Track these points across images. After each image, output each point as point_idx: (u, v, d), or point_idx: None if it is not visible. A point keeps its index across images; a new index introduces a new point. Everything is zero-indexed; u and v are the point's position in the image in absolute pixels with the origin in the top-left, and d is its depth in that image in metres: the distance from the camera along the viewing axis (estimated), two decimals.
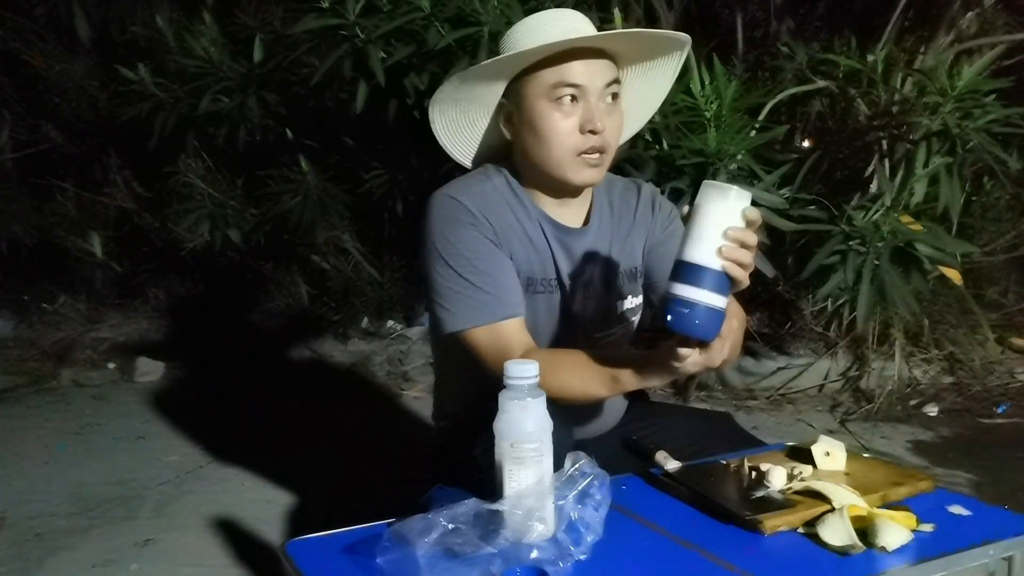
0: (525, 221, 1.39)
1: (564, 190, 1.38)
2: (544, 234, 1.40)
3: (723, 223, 1.05)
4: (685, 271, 1.07)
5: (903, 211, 2.37)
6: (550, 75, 1.30)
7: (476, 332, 1.31)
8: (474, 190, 1.37)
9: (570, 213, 1.42)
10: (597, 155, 1.32)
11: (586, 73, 1.30)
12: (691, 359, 1.12)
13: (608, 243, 1.45)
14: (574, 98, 1.30)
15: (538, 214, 1.40)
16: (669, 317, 1.07)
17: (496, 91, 1.37)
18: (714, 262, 1.05)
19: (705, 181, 1.09)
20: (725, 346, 1.11)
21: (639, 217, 1.48)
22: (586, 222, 1.44)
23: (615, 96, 1.33)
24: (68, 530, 2.11)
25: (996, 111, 2.31)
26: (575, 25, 1.33)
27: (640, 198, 1.50)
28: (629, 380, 1.22)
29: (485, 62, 1.33)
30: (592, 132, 1.30)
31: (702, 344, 1.10)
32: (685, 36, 1.39)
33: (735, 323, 1.13)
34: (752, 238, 1.07)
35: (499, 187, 1.40)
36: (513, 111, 1.36)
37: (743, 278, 1.07)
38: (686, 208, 1.09)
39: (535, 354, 1.25)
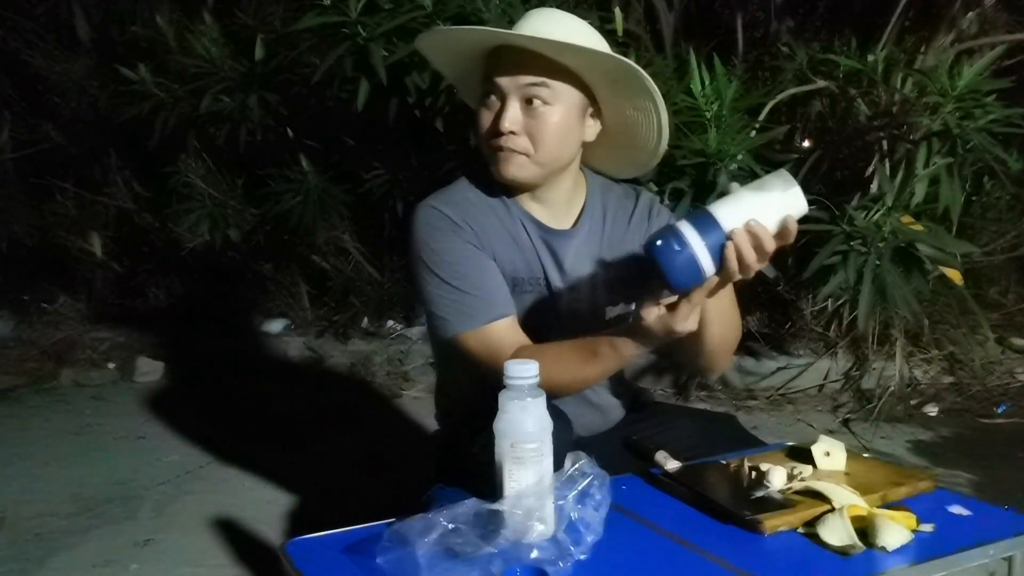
0: (508, 222, 1.40)
1: (514, 186, 1.40)
2: (528, 234, 1.40)
3: (761, 210, 1.04)
4: (701, 217, 1.06)
5: (904, 211, 2.37)
6: (483, 70, 1.35)
7: (467, 336, 1.32)
8: (454, 198, 1.39)
9: (558, 215, 1.43)
10: (514, 153, 1.33)
11: (505, 71, 1.31)
12: (653, 313, 1.12)
13: (598, 247, 1.45)
14: (494, 94, 1.33)
15: (521, 214, 1.41)
16: (658, 242, 1.05)
17: (475, 79, 1.41)
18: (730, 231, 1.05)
19: (782, 169, 1.08)
20: (692, 314, 1.10)
21: (634, 224, 1.48)
22: (576, 225, 1.44)
23: (540, 99, 1.31)
24: (68, 530, 2.10)
25: (996, 111, 2.30)
26: (546, 28, 1.31)
27: (637, 205, 1.49)
28: (608, 352, 1.23)
29: (419, 38, 1.42)
30: (497, 132, 1.32)
31: (670, 288, 1.09)
32: (624, 62, 1.31)
33: (706, 296, 1.10)
34: (769, 244, 1.05)
35: (480, 193, 1.41)
36: None
37: (733, 270, 1.06)
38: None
39: (524, 351, 1.26)
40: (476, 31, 1.36)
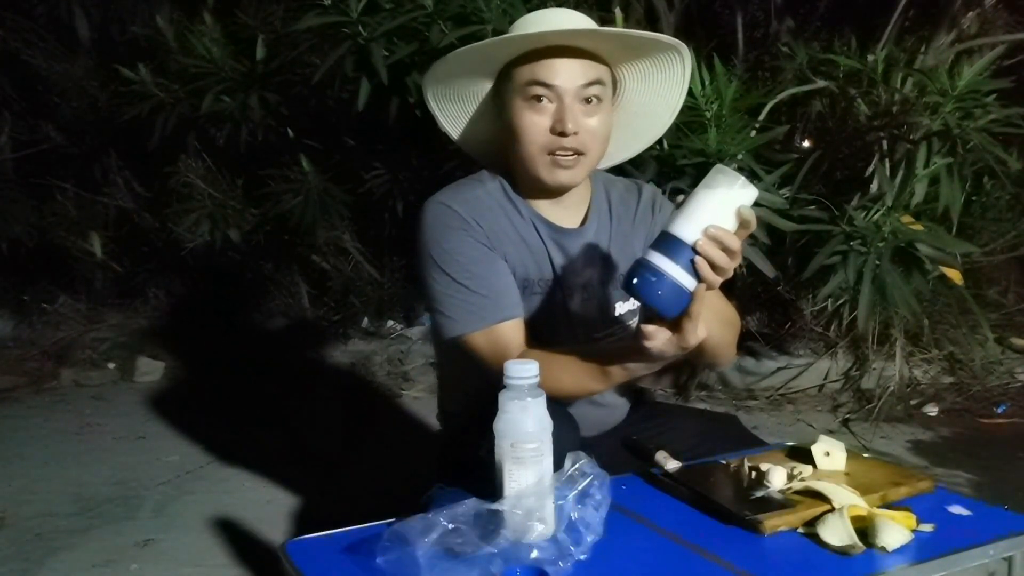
0: (519, 223, 1.39)
1: (548, 189, 1.38)
2: (539, 234, 1.39)
3: (715, 212, 1.04)
4: (664, 241, 1.06)
5: (904, 211, 2.37)
6: (525, 73, 1.29)
7: (474, 336, 1.31)
8: (465, 195, 1.37)
9: (566, 214, 1.42)
10: (572, 156, 1.31)
11: (561, 72, 1.28)
12: (660, 338, 1.10)
13: (606, 244, 1.44)
14: (548, 97, 1.29)
15: (532, 215, 1.39)
16: (635, 280, 1.06)
17: (484, 87, 1.38)
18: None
19: (718, 164, 1.07)
20: (697, 326, 1.08)
21: (639, 219, 1.47)
22: (584, 223, 1.43)
23: (597, 98, 1.31)
24: (68, 530, 2.10)
25: (996, 111, 2.30)
26: (568, 23, 1.31)
27: (640, 200, 1.49)
28: (617, 372, 1.21)
29: (455, 51, 1.33)
30: (562, 134, 1.28)
31: (664, 320, 1.08)
32: (670, 39, 1.35)
33: (702, 308, 1.08)
34: (735, 242, 1.04)
35: (492, 191, 1.40)
36: (501, 107, 1.37)
37: (711, 279, 1.04)
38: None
39: (530, 355, 1.24)
40: (553, 32, 1.28)
